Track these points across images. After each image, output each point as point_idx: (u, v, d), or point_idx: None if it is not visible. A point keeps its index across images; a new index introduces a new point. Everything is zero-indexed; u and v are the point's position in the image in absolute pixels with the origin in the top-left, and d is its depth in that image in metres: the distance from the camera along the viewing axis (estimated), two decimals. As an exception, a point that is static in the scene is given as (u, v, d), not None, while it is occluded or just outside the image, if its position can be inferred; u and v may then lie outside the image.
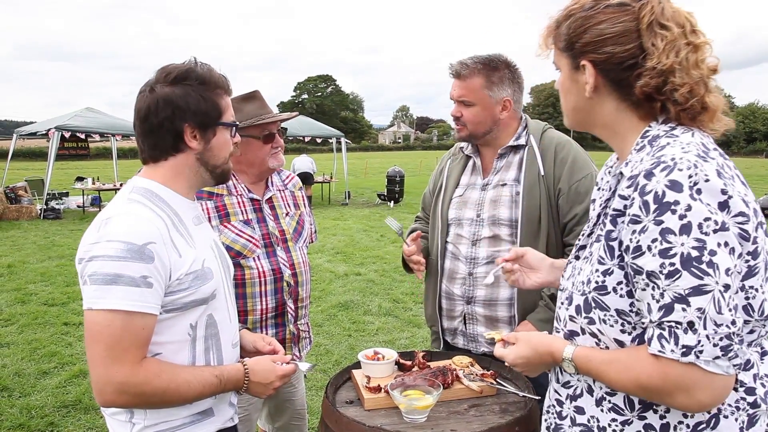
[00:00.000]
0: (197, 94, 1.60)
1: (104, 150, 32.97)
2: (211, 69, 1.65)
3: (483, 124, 2.36)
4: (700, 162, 1.13)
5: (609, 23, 1.24)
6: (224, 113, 1.66)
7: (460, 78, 2.35)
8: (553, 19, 1.36)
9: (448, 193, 2.51)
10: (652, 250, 1.13)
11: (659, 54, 1.20)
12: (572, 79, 1.34)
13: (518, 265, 1.80)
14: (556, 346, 1.39)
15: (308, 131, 18.82)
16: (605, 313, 1.27)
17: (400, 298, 7.20)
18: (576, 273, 1.37)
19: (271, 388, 1.75)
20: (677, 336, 1.12)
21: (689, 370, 1.13)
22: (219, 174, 1.72)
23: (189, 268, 1.57)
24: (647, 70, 1.22)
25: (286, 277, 2.43)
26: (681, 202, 1.10)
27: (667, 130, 1.25)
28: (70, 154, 18.46)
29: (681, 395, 1.15)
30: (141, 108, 1.61)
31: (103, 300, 1.44)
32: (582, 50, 1.28)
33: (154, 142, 1.63)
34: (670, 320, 1.13)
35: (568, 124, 1.44)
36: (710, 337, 1.10)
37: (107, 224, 1.50)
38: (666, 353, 1.14)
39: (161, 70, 1.63)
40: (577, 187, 2.25)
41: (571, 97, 1.37)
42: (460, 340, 2.45)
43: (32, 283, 7.76)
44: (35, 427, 3.97)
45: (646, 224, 1.14)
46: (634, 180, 1.19)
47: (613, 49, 1.24)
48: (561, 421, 1.42)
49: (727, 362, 1.12)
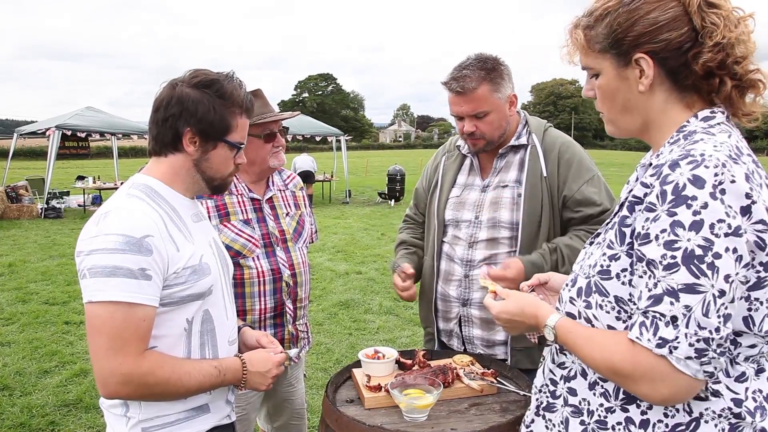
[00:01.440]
0: (210, 104, 1.61)
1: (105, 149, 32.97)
2: (237, 87, 1.67)
3: (500, 128, 2.29)
4: (729, 162, 1.13)
5: (660, 11, 1.23)
6: (232, 132, 1.67)
7: (466, 93, 2.22)
8: (580, 26, 1.34)
9: (444, 192, 2.46)
10: (659, 239, 1.13)
11: (721, 29, 1.20)
12: (620, 77, 1.31)
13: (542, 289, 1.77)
14: (543, 311, 1.41)
15: (309, 130, 18.82)
16: (603, 298, 1.27)
17: (401, 296, 7.19)
18: (586, 257, 1.37)
19: (270, 377, 1.76)
20: (657, 327, 1.13)
21: (659, 363, 1.14)
22: (215, 186, 1.74)
23: (186, 262, 1.58)
24: (709, 47, 1.21)
25: (285, 277, 2.42)
26: (699, 198, 1.10)
27: (705, 128, 1.24)
28: (71, 154, 18.50)
29: (645, 385, 1.17)
30: (157, 98, 1.65)
31: (103, 292, 1.46)
32: (634, 43, 1.26)
33: (157, 133, 1.66)
34: (656, 310, 1.13)
35: (612, 130, 1.40)
36: (688, 336, 1.10)
37: (106, 218, 1.52)
38: (642, 341, 1.15)
39: (193, 72, 1.66)
40: (584, 190, 2.23)
41: (620, 96, 1.33)
42: (455, 342, 2.44)
43: (33, 282, 7.77)
44: (36, 426, 3.97)
45: (659, 213, 1.14)
46: (658, 169, 1.18)
47: (670, 35, 1.23)
48: (554, 401, 1.44)
49: (698, 366, 1.12)
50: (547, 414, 1.45)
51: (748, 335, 1.21)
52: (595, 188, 2.25)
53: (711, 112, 1.27)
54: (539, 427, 1.47)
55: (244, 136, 1.72)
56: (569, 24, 1.38)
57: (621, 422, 1.29)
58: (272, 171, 2.51)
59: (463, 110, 2.26)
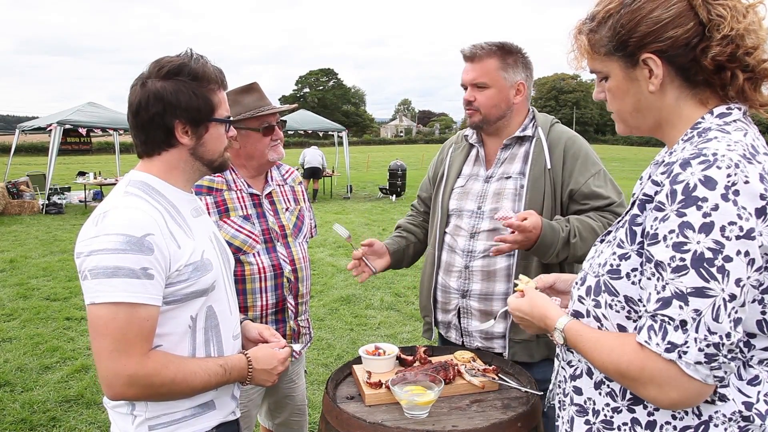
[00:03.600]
0: (189, 90, 1.58)
1: (106, 145, 32.90)
2: (205, 63, 1.63)
3: (497, 107, 2.31)
4: (742, 162, 1.10)
5: (663, 8, 1.21)
6: (217, 108, 1.64)
7: (474, 60, 2.30)
8: (583, 31, 1.32)
9: (449, 183, 2.48)
10: (667, 240, 1.11)
11: (729, 21, 1.17)
12: (630, 79, 1.28)
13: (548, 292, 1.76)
14: (552, 313, 1.41)
15: (310, 125, 18.79)
16: (613, 298, 1.25)
17: (402, 292, 7.20)
18: (596, 255, 1.36)
19: (275, 373, 1.76)
20: (666, 331, 1.11)
21: (668, 367, 1.12)
22: (216, 167, 1.72)
23: (188, 259, 1.56)
24: (717, 41, 1.18)
25: (287, 272, 2.41)
26: (709, 199, 1.07)
27: (720, 125, 1.21)
28: (72, 149, 18.47)
29: (654, 389, 1.15)
30: (133, 102, 1.60)
31: (105, 293, 1.44)
32: (640, 44, 1.23)
33: (146, 136, 1.62)
34: (664, 314, 1.12)
35: (624, 130, 1.38)
36: (698, 341, 1.09)
37: (105, 218, 1.49)
38: (651, 345, 1.13)
39: (155, 64, 1.61)
40: (590, 183, 2.23)
41: (630, 98, 1.31)
42: (453, 333, 2.44)
43: (34, 278, 7.77)
44: (37, 421, 3.97)
45: (668, 213, 1.12)
46: (669, 167, 1.16)
47: (675, 32, 1.20)
48: (564, 398, 1.44)
49: (708, 371, 1.10)
50: (560, 413, 1.45)
51: (762, 337, 1.20)
52: (601, 182, 2.25)
53: (727, 108, 1.24)
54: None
55: (227, 107, 1.70)
56: (573, 29, 1.35)
57: (627, 423, 1.27)
58: (271, 165, 2.49)
59: (466, 78, 2.33)
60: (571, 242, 2.12)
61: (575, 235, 2.14)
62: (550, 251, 2.12)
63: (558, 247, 2.11)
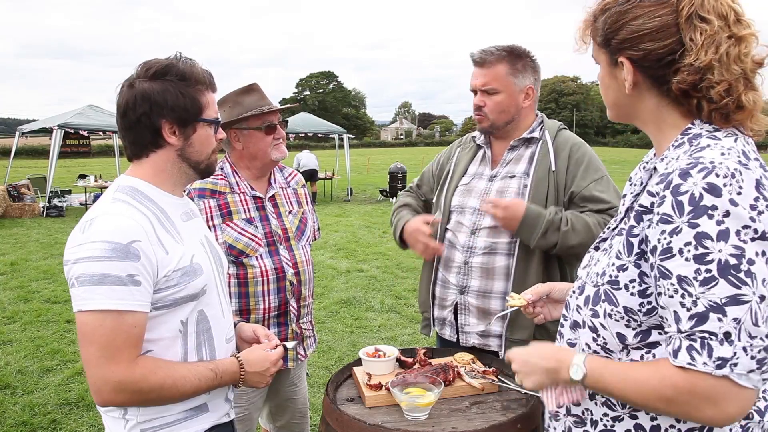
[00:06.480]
0: (176, 90, 1.58)
1: (107, 147, 32.88)
2: (193, 64, 1.64)
3: (506, 112, 2.33)
4: (739, 170, 1.09)
5: (645, 18, 1.19)
6: (205, 109, 1.64)
7: (483, 66, 2.31)
8: (590, 12, 1.32)
9: (454, 180, 2.50)
10: (685, 254, 1.08)
11: (697, 50, 1.15)
12: (611, 75, 1.30)
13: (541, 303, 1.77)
14: (565, 351, 1.33)
15: (310, 128, 18.80)
16: (612, 308, 1.24)
17: (403, 294, 7.20)
18: (593, 264, 1.35)
19: (268, 375, 1.75)
20: (711, 347, 1.07)
21: (720, 383, 1.07)
22: (202, 169, 1.71)
23: (176, 264, 1.56)
24: (684, 66, 1.16)
25: (289, 276, 2.41)
26: (719, 207, 1.06)
27: (710, 131, 1.20)
28: (73, 152, 18.54)
29: (710, 408, 1.09)
30: (120, 104, 1.60)
31: (92, 301, 1.44)
32: (618, 47, 1.24)
33: (134, 137, 1.63)
34: (704, 330, 1.07)
35: (611, 116, 1.40)
36: (747, 350, 1.06)
37: (91, 225, 1.50)
38: (697, 366, 1.08)
39: (143, 65, 1.62)
40: (591, 188, 2.24)
41: (611, 92, 1.33)
42: (447, 330, 2.44)
43: (35, 281, 7.78)
44: (38, 424, 3.98)
45: (679, 225, 1.09)
46: (665, 177, 1.14)
47: (651, 45, 1.19)
48: (558, 410, 1.42)
49: (758, 376, 1.08)
50: (552, 423, 1.44)
51: None
52: (603, 188, 2.26)
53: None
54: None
55: (216, 110, 1.70)
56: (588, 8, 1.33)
57: (630, 430, 1.26)
58: (274, 165, 2.49)
59: (476, 83, 2.35)
60: (562, 230, 2.14)
61: (567, 224, 2.16)
62: (534, 231, 2.15)
63: (542, 227, 2.14)
